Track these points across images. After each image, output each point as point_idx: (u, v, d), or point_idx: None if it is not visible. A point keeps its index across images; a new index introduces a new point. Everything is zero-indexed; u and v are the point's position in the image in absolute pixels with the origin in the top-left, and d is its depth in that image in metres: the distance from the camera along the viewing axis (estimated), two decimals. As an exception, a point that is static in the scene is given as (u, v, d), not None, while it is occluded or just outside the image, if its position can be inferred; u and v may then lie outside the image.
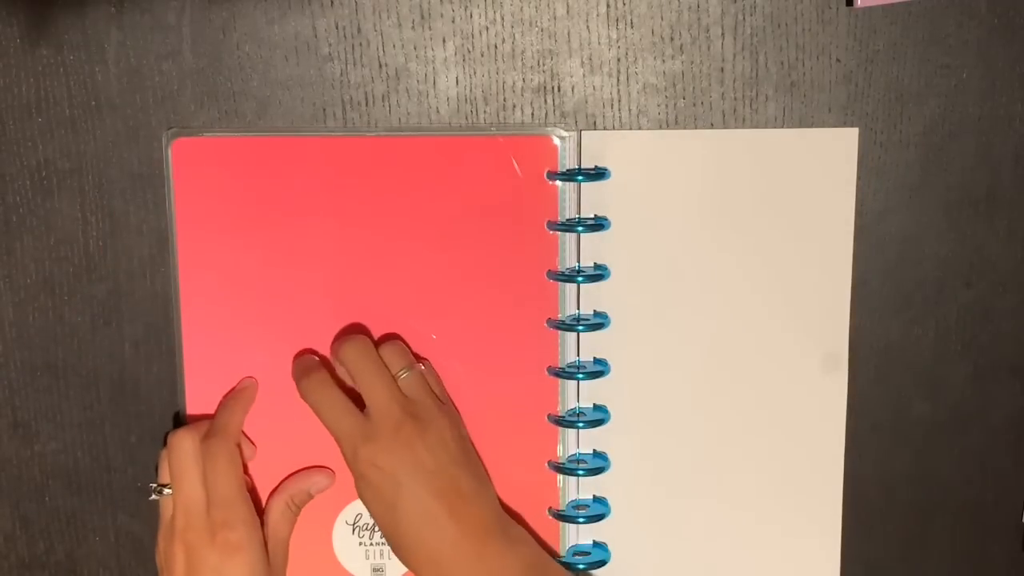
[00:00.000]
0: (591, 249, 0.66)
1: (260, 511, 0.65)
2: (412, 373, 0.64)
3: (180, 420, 0.67)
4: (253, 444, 0.67)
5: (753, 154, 0.66)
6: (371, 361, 0.64)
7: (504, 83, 0.65)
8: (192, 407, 0.67)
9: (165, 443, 0.65)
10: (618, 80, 0.65)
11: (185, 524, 0.62)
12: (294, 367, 0.66)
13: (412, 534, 0.61)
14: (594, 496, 0.68)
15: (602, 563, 0.68)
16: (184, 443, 0.63)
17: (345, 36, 0.65)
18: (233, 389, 0.66)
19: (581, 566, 0.68)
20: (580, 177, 0.65)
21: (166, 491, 0.64)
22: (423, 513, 0.61)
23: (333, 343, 0.66)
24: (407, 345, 0.66)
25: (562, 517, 0.67)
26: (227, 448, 0.63)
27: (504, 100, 0.66)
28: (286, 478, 0.67)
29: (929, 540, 0.70)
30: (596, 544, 0.68)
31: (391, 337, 0.66)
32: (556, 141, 0.65)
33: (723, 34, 0.65)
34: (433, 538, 0.61)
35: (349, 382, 0.65)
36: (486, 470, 0.66)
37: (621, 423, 0.67)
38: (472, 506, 0.62)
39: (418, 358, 0.66)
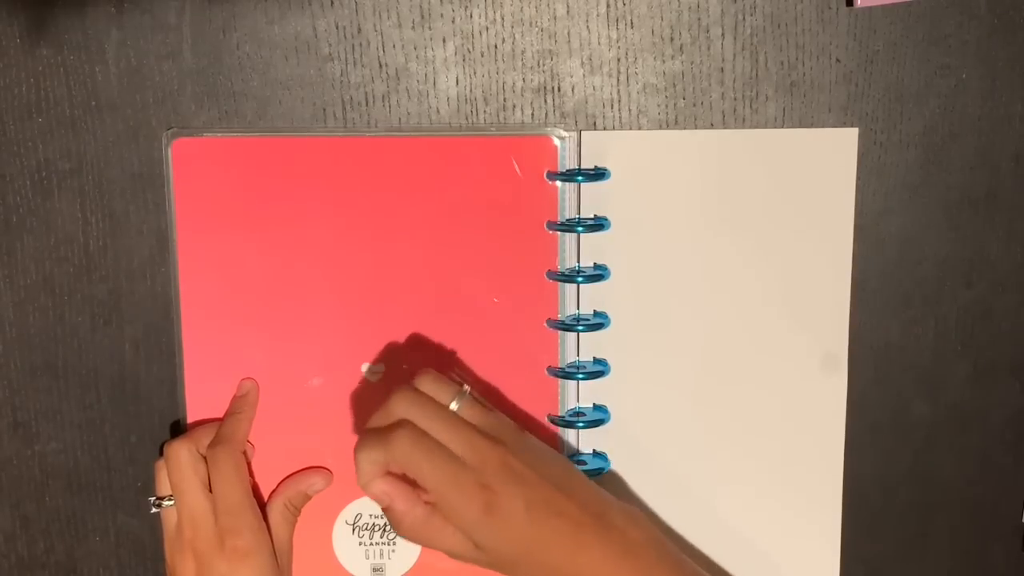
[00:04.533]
0: (591, 249, 0.66)
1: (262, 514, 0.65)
2: (463, 399, 0.60)
3: (180, 423, 0.67)
4: (252, 445, 0.67)
5: (753, 154, 0.66)
6: (436, 413, 0.58)
7: (504, 83, 0.65)
8: (192, 407, 0.67)
9: (161, 453, 0.65)
10: (618, 80, 0.65)
11: (193, 534, 0.63)
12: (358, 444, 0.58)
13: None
14: (594, 496, 0.68)
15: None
16: (181, 453, 0.63)
17: (345, 36, 0.65)
18: (236, 393, 0.66)
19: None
20: (580, 177, 0.65)
21: (166, 503, 0.64)
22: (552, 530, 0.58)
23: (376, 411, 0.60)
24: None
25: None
26: (233, 456, 0.64)
27: (504, 100, 0.66)
28: (283, 480, 0.67)
29: (929, 540, 0.70)
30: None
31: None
32: (556, 141, 0.65)
33: (723, 34, 0.65)
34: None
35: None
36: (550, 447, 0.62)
37: (621, 423, 0.67)
38: (569, 501, 0.58)
39: (414, 359, 0.65)
